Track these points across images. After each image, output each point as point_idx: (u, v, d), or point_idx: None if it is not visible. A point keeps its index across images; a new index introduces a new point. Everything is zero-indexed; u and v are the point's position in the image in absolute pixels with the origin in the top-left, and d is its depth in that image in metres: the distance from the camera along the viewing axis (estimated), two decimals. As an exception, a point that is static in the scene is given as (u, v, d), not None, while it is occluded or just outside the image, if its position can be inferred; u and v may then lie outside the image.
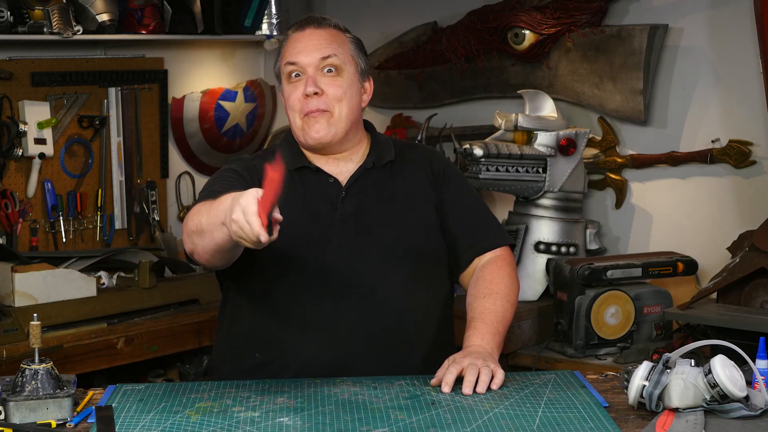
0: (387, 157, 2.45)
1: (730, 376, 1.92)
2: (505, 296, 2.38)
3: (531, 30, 3.85)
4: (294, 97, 2.37)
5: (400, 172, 2.45)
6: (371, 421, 1.94)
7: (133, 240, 4.12)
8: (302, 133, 2.38)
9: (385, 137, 2.51)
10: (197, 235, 2.14)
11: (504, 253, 2.48)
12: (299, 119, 2.37)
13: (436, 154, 2.57)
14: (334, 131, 2.36)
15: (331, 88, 2.36)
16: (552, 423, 1.92)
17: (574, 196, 3.70)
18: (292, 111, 2.38)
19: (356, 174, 2.41)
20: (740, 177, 3.57)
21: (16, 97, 3.76)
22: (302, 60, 2.36)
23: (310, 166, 2.41)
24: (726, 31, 3.55)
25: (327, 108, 2.35)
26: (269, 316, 2.33)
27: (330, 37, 2.39)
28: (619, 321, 3.38)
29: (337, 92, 2.36)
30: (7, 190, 3.75)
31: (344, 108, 2.36)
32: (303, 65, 2.36)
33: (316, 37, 2.38)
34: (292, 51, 2.38)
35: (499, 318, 2.33)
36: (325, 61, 2.36)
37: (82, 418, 1.99)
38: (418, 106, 4.30)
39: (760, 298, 3.21)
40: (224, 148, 4.49)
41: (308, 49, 2.36)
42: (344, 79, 2.37)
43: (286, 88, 2.40)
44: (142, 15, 3.93)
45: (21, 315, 3.23)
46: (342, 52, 2.39)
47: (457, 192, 2.48)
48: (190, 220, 2.18)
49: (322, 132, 2.36)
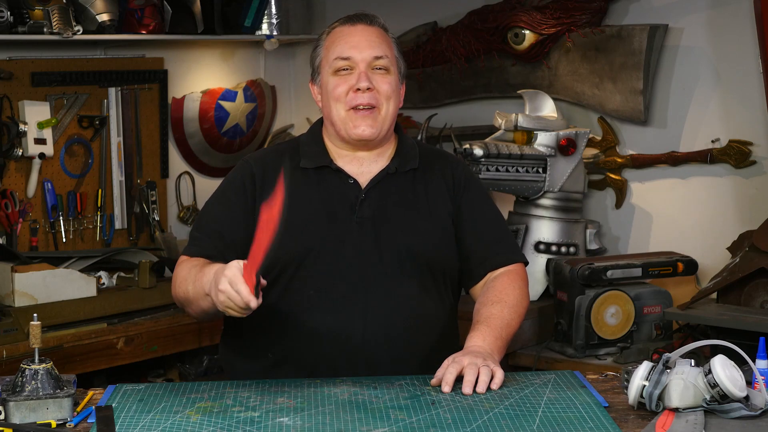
0: (411, 164, 2.43)
1: (730, 376, 1.92)
2: (513, 306, 2.36)
3: (531, 30, 3.85)
4: (341, 89, 2.35)
5: (422, 180, 2.43)
6: (371, 421, 1.94)
7: (133, 240, 4.12)
8: (345, 126, 2.36)
9: (411, 142, 2.49)
10: (185, 303, 2.28)
11: (517, 269, 2.46)
12: (344, 111, 2.36)
13: (461, 164, 2.54)
14: (379, 129, 2.36)
15: (382, 85, 2.36)
16: (552, 423, 1.92)
17: (574, 196, 3.70)
18: (336, 102, 2.36)
19: (377, 177, 2.39)
20: (740, 177, 3.57)
21: (16, 97, 3.76)
22: (356, 56, 2.35)
23: (331, 166, 2.40)
24: (726, 31, 3.55)
25: (376, 104, 2.35)
26: (282, 317, 2.33)
27: (381, 36, 2.40)
28: (619, 321, 3.39)
29: (387, 90, 2.36)
30: (7, 190, 3.75)
31: (391, 106, 2.37)
32: (356, 61, 2.35)
33: (368, 34, 2.38)
34: (344, 46, 2.37)
35: (504, 324, 2.31)
36: (378, 60, 2.36)
37: (82, 418, 1.98)
38: (418, 106, 4.30)
39: (760, 298, 3.21)
40: (224, 148, 4.49)
41: (362, 46, 2.36)
42: (392, 78, 2.38)
43: (330, 80, 2.37)
44: (142, 15, 3.93)
45: (21, 315, 3.23)
46: (390, 53, 2.40)
47: (475, 204, 2.46)
48: (178, 286, 2.29)
49: (368, 130, 2.35)
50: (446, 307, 2.42)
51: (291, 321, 2.32)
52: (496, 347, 2.25)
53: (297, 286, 2.32)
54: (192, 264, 2.28)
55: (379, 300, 2.30)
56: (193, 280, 2.21)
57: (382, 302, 2.30)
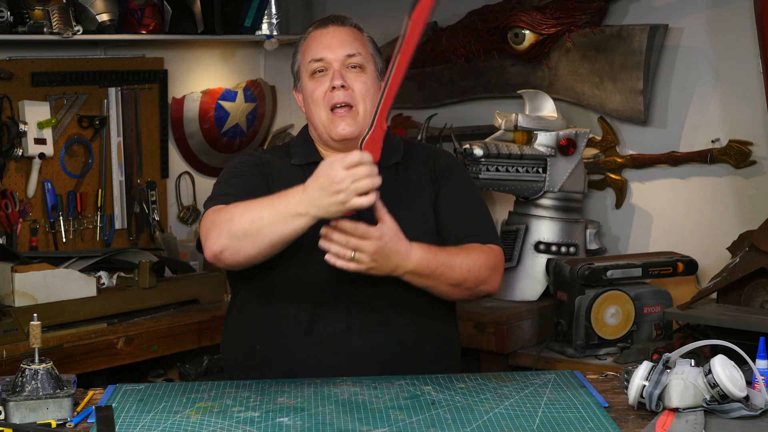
0: (393, 158, 2.43)
1: (730, 376, 1.92)
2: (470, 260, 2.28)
3: (531, 30, 3.85)
4: (319, 91, 2.37)
5: (404, 173, 2.44)
6: (371, 421, 1.94)
7: (133, 240, 4.12)
8: (327, 129, 2.38)
9: (397, 138, 2.50)
10: (249, 235, 2.14)
11: (495, 248, 2.39)
12: (324, 114, 2.37)
13: (443, 153, 2.54)
14: (359, 128, 2.36)
15: (356, 83, 2.37)
16: (552, 423, 1.92)
17: (574, 196, 3.70)
18: (316, 106, 2.38)
19: None
20: (740, 177, 3.57)
21: (16, 97, 3.76)
22: (328, 56, 2.37)
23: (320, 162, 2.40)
24: (726, 31, 3.55)
25: (352, 103, 2.36)
26: (271, 312, 2.34)
27: (353, 35, 2.41)
28: (619, 321, 3.39)
29: (362, 88, 2.37)
30: (7, 190, 3.75)
31: (368, 105, 2.37)
32: (329, 61, 2.37)
33: (340, 34, 2.40)
34: (316, 48, 2.39)
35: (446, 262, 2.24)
36: (351, 58, 2.38)
37: (82, 418, 1.99)
38: (418, 106, 4.30)
39: (760, 298, 3.21)
40: (224, 148, 4.49)
41: (333, 45, 2.38)
42: (367, 75, 2.39)
43: (309, 84, 2.39)
44: (142, 15, 3.93)
45: (21, 315, 3.23)
46: (364, 51, 2.41)
47: (455, 189, 2.45)
48: (234, 221, 2.16)
49: (348, 129, 2.36)
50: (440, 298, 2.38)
51: (279, 317, 2.32)
52: (417, 263, 2.20)
53: (286, 284, 2.31)
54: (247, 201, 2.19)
55: (367, 295, 2.30)
56: (267, 205, 2.13)
57: (370, 298, 2.30)
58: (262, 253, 2.18)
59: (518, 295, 3.67)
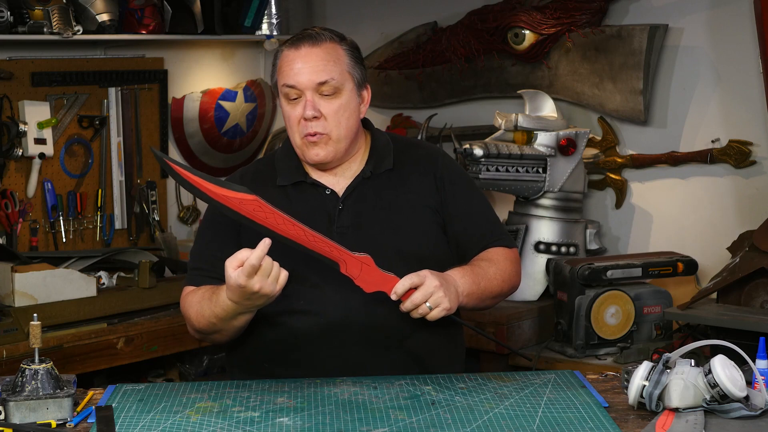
0: (385, 165, 2.41)
1: (730, 376, 1.92)
2: (501, 270, 2.39)
3: (531, 30, 3.85)
4: (294, 117, 2.34)
5: (398, 178, 2.42)
6: (371, 421, 1.94)
7: (133, 240, 4.12)
8: (302, 152, 2.37)
9: (385, 139, 2.47)
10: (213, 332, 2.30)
11: (515, 250, 2.50)
12: (299, 139, 2.35)
13: (440, 155, 2.51)
14: (333, 152, 2.35)
15: (330, 110, 2.33)
16: (552, 423, 1.92)
17: (574, 196, 3.70)
18: (291, 130, 2.36)
19: (353, 185, 2.39)
20: (740, 177, 3.57)
21: (16, 97, 3.76)
22: (300, 82, 2.32)
23: (307, 180, 2.40)
24: (726, 31, 3.55)
25: (326, 131, 2.33)
26: (274, 330, 2.33)
27: (326, 56, 2.33)
28: (619, 321, 3.39)
29: (335, 114, 2.33)
30: (7, 190, 3.75)
31: (342, 129, 2.34)
32: (301, 88, 2.32)
33: (312, 58, 2.33)
34: (288, 72, 2.34)
35: (487, 277, 2.34)
36: (323, 86, 2.32)
37: (82, 418, 1.99)
38: (418, 106, 4.30)
39: (760, 298, 3.21)
40: (224, 148, 4.49)
41: (305, 72, 2.32)
42: (342, 98, 2.34)
43: (285, 106, 2.37)
44: (142, 15, 3.93)
45: (21, 315, 3.23)
46: (339, 71, 2.34)
47: (464, 194, 2.45)
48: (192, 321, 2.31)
49: (321, 154, 2.34)
50: None
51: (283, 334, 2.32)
52: (467, 287, 2.28)
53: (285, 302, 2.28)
54: (200, 296, 2.29)
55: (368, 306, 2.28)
56: (212, 308, 2.23)
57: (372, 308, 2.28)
58: (238, 334, 2.31)
59: (518, 295, 3.64)
